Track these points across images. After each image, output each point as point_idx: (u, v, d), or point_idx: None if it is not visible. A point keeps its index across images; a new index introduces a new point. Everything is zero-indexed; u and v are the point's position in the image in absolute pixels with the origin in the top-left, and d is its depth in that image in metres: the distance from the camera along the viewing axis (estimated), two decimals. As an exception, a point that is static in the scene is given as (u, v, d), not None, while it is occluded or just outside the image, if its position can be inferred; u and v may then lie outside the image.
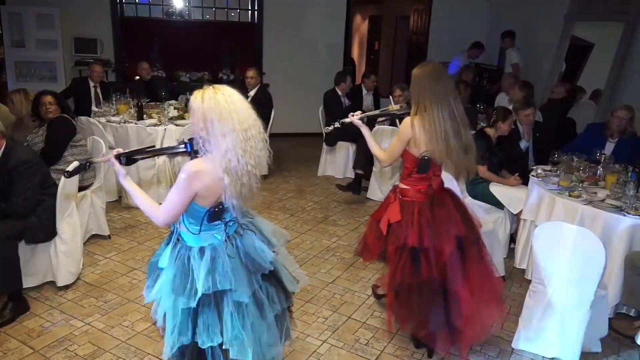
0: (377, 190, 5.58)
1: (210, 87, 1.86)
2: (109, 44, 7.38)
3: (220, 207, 1.93)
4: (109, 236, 4.33)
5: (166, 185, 5.14)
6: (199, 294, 1.89)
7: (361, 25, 12.28)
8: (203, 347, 1.93)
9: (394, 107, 3.13)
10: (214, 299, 1.93)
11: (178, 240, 2.02)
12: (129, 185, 2.00)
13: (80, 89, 5.90)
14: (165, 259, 2.05)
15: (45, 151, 3.87)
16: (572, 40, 6.65)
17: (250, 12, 8.12)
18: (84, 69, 6.70)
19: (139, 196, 1.97)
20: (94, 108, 5.52)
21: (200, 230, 1.96)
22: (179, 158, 2.97)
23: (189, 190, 1.82)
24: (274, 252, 2.09)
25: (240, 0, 8.07)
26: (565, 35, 6.63)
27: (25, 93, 4.32)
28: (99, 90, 5.96)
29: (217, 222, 1.98)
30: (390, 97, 5.78)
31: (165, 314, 2.01)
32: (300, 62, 8.13)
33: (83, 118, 5.10)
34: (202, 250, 1.96)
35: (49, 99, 3.97)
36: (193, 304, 1.90)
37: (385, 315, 3.09)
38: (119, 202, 5.08)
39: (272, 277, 2.09)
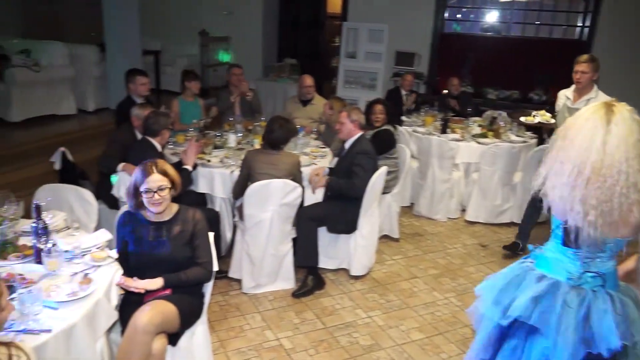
0: None
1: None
2: (425, 58, 7.80)
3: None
4: (398, 239, 4.57)
5: (458, 201, 5.15)
6: (513, 316, 1.72)
7: None
8: None
9: None
10: (527, 333, 1.73)
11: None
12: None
13: (393, 97, 6.40)
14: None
15: None
16: None
17: (579, 28, 7.38)
18: (399, 80, 7.26)
19: None
20: (404, 117, 5.90)
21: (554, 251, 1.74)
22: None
23: None
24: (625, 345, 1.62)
25: (568, 15, 7.42)
26: None
27: (343, 104, 4.70)
28: (408, 98, 6.37)
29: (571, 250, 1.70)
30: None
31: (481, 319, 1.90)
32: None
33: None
34: (541, 277, 1.75)
35: (379, 108, 4.39)
36: (504, 322, 1.76)
37: None
38: (410, 209, 5.31)
39: None
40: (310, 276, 3.69)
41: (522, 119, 4.04)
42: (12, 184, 4.13)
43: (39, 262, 2.21)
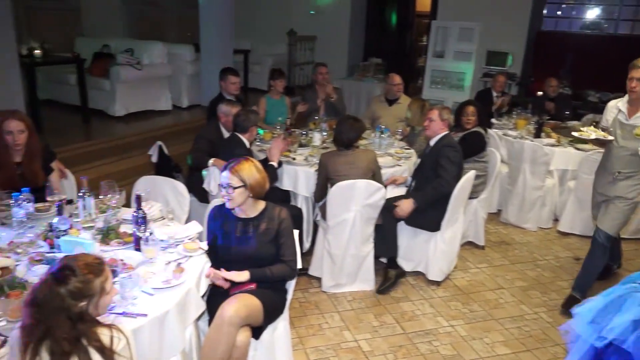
0: None
1: None
2: (519, 57, 7.41)
3: None
4: (483, 247, 4.37)
5: (551, 210, 4.84)
6: (608, 338, 1.60)
7: None
8: None
9: None
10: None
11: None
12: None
13: (483, 99, 6.13)
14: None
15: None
16: None
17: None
18: (489, 81, 6.96)
19: None
20: (493, 120, 5.64)
21: None
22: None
23: None
24: None
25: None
26: None
27: (423, 105, 4.61)
28: (499, 99, 6.08)
29: None
30: None
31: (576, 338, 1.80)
32: None
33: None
34: None
35: (471, 109, 4.21)
36: (598, 344, 1.63)
37: None
38: (497, 215, 5.07)
39: None
40: (390, 270, 3.70)
41: (575, 134, 3.48)
42: (114, 174, 4.45)
43: (138, 249, 2.35)
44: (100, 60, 6.35)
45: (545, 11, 7.49)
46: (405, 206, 3.57)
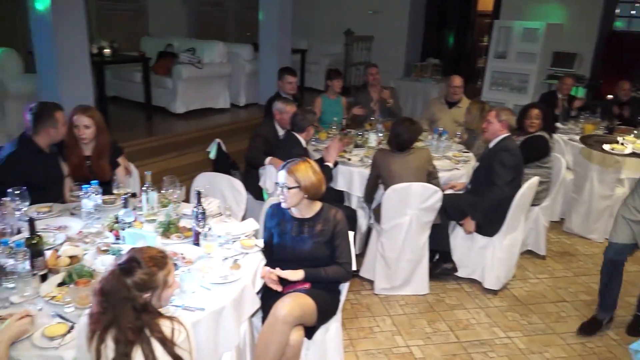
0: None
1: None
2: (588, 59, 7.05)
3: None
4: (544, 257, 4.19)
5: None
6: None
7: None
8: None
9: None
10: None
11: None
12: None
13: (548, 102, 5.87)
14: None
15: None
16: None
17: None
18: (554, 83, 6.66)
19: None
20: (559, 124, 5.39)
21: None
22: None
23: None
24: None
25: None
26: None
27: (483, 107, 4.42)
28: (566, 103, 5.80)
29: None
30: None
31: None
32: None
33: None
34: None
35: (536, 112, 4.02)
36: None
37: None
38: (560, 224, 4.84)
39: None
40: (441, 263, 3.70)
41: (607, 147, 2.96)
42: (173, 169, 4.57)
43: (197, 244, 2.41)
44: (164, 59, 6.58)
45: (617, 10, 7.08)
46: (469, 226, 3.56)
